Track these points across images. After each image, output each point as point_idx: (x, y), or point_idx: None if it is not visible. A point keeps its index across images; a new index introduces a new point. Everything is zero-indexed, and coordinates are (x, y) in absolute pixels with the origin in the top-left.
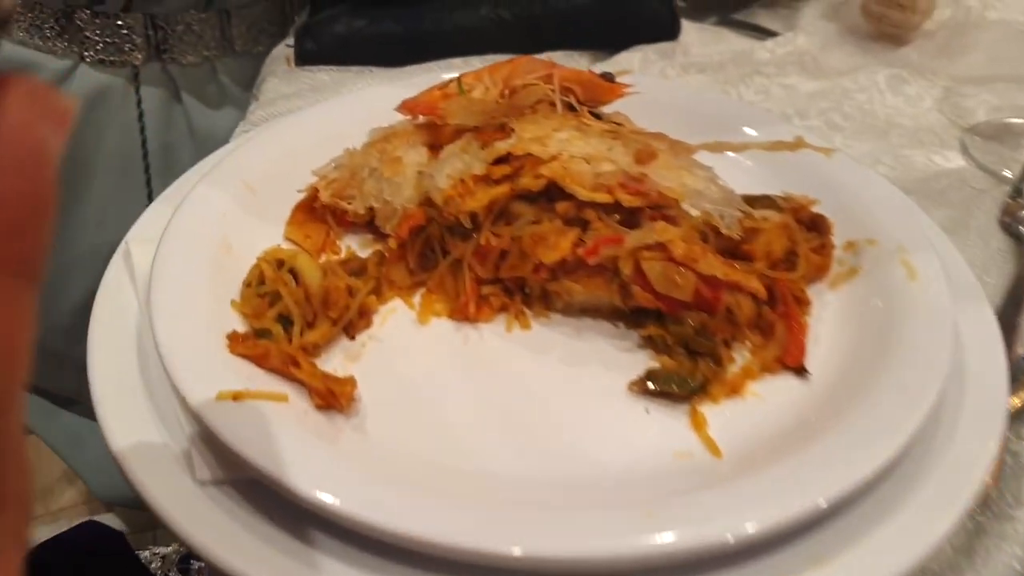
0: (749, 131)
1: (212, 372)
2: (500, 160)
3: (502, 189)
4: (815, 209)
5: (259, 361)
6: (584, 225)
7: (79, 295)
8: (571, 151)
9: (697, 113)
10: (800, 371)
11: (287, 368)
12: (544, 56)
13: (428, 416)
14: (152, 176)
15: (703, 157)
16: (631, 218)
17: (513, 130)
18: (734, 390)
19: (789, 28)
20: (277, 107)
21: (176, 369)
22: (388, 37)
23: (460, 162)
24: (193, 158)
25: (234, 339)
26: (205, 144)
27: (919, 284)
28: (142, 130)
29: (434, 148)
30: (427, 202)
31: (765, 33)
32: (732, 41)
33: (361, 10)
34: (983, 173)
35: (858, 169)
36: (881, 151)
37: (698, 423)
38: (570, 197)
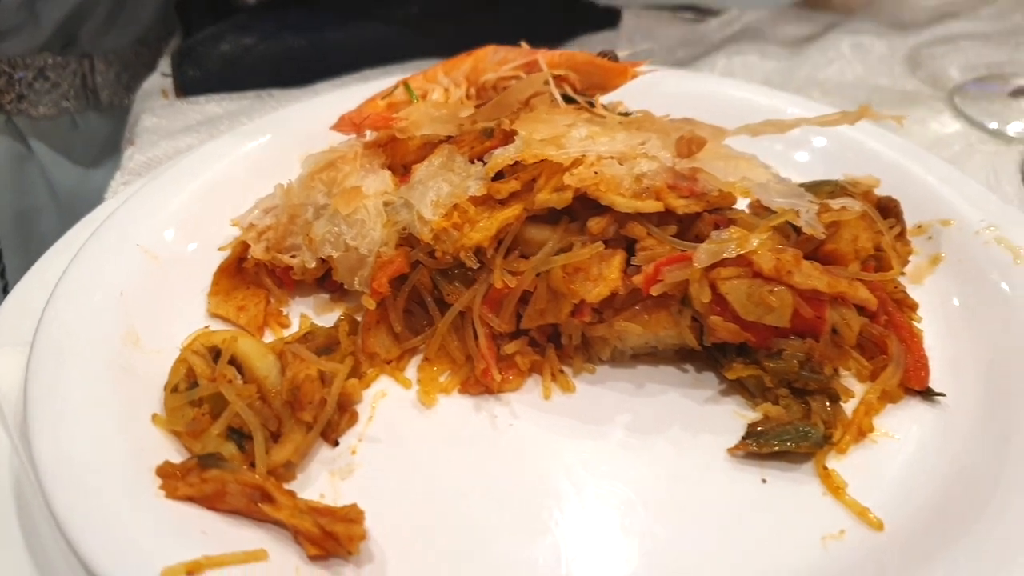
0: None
1: (143, 534)
2: (499, 175)
3: (513, 211)
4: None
5: (213, 503)
6: (628, 245)
7: None
8: (597, 151)
9: (703, 97)
10: (928, 394)
11: (257, 508)
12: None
13: (469, 548)
14: (3, 251)
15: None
16: (684, 228)
17: (512, 133)
18: (861, 433)
19: (723, 5)
20: (162, 149)
21: (87, 540)
22: (287, 53)
23: (446, 183)
24: (61, 228)
25: (169, 475)
26: (75, 209)
27: None
28: None
29: (396, 170)
30: (407, 241)
31: (702, 13)
32: (674, 25)
33: (248, 26)
34: (981, 132)
35: (899, 144)
36: (874, 124)
37: (835, 487)
38: (605, 210)
